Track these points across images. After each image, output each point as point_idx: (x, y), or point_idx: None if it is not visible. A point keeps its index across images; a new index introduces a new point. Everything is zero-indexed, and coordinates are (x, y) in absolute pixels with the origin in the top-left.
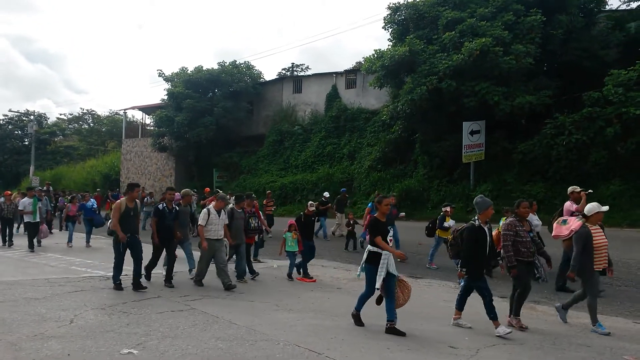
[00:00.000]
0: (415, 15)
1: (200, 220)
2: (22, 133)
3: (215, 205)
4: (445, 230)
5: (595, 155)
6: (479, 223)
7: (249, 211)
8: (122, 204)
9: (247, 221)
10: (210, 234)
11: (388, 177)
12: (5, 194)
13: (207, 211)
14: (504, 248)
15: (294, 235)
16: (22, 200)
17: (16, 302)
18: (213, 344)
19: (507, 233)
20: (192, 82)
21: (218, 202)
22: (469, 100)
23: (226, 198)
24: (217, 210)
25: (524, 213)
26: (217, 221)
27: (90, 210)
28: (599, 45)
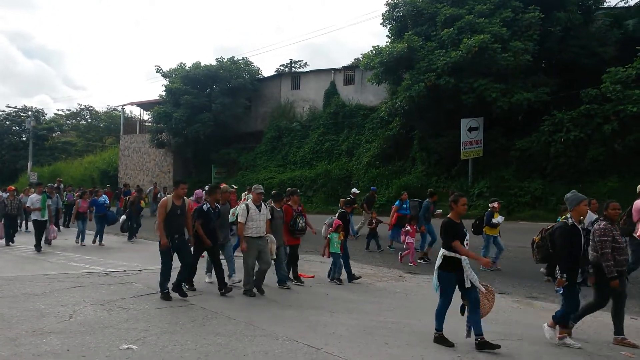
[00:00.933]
0: (414, 12)
1: (239, 217)
2: (19, 129)
3: (253, 199)
4: (494, 227)
5: (593, 152)
6: (572, 221)
7: (296, 209)
8: (169, 201)
9: (294, 220)
10: (252, 231)
11: (386, 174)
12: (9, 189)
13: (245, 207)
14: (603, 256)
15: (341, 237)
16: (30, 196)
17: (15, 298)
18: (212, 339)
19: (604, 239)
20: (190, 78)
21: (256, 194)
22: (467, 97)
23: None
24: (257, 205)
25: (614, 215)
26: (258, 217)
27: (102, 207)
28: (597, 43)
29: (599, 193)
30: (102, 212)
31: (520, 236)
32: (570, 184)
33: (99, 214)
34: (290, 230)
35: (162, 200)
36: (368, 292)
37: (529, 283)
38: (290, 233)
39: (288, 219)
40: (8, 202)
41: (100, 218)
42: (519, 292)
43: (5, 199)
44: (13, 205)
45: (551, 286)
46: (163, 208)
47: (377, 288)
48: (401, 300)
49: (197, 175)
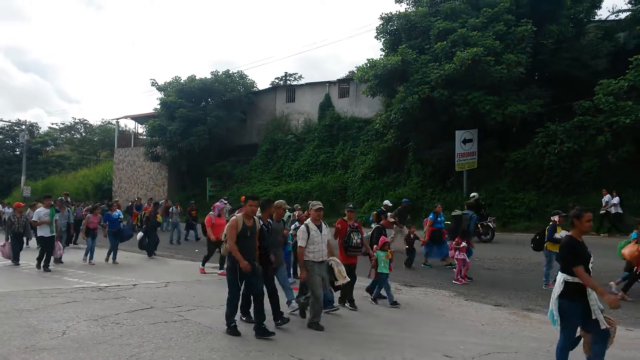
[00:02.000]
0: (407, 26)
1: (299, 241)
2: (13, 143)
3: (313, 218)
4: (557, 243)
5: (586, 164)
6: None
7: (351, 225)
8: (239, 221)
9: (348, 236)
10: (313, 255)
11: (382, 186)
12: (16, 205)
13: (305, 228)
14: None
15: (388, 255)
16: (37, 210)
17: (7, 314)
18: (207, 355)
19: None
20: (185, 92)
21: (315, 212)
22: (461, 109)
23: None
24: (317, 225)
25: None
26: (320, 238)
27: (116, 222)
28: (589, 55)
29: (594, 204)
30: (117, 227)
31: (515, 247)
32: (565, 196)
33: (113, 229)
34: (345, 247)
35: (232, 221)
36: (363, 305)
37: (525, 295)
38: (344, 250)
39: (342, 234)
40: (15, 220)
41: (114, 234)
42: (515, 304)
43: (12, 215)
44: (20, 222)
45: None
46: (234, 230)
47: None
48: (397, 313)
49: (192, 189)
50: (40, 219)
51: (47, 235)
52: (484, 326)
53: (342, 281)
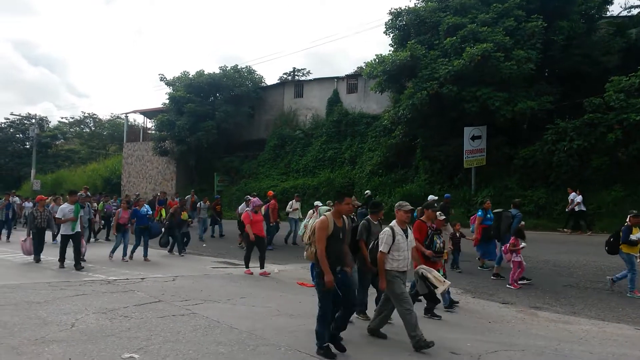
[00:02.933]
0: (417, 21)
1: (382, 245)
2: (23, 136)
3: (399, 220)
4: (633, 245)
5: (596, 161)
6: None
7: (431, 226)
8: (330, 222)
9: (430, 239)
10: (398, 264)
11: (389, 182)
12: (38, 199)
13: (390, 231)
14: None
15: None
16: (61, 206)
17: (17, 306)
18: (214, 349)
19: None
20: (194, 86)
21: (404, 213)
22: (470, 106)
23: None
24: (403, 229)
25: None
26: (405, 244)
27: (144, 218)
28: (600, 52)
29: (603, 202)
30: (145, 223)
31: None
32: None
33: (141, 225)
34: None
35: (322, 221)
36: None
37: (533, 293)
38: (426, 256)
39: (422, 237)
40: (38, 214)
41: (142, 230)
42: (522, 302)
43: (35, 210)
44: (43, 217)
45: (555, 296)
46: (324, 232)
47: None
48: None
49: (200, 184)
50: (65, 216)
51: (68, 233)
52: (491, 324)
53: (442, 286)
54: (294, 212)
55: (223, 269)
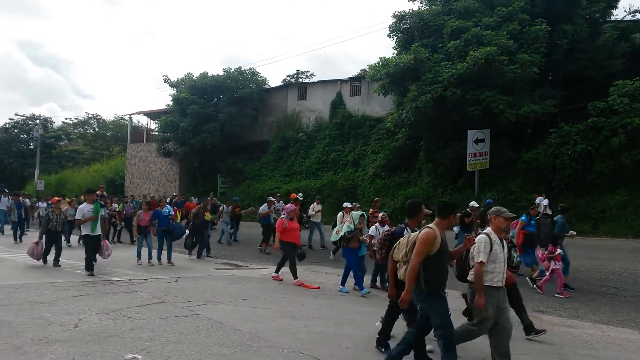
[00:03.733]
0: (420, 24)
1: (478, 254)
2: (27, 137)
3: (495, 229)
4: None
5: (600, 165)
6: None
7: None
8: (437, 235)
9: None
10: (494, 277)
11: (392, 185)
12: (53, 200)
13: (488, 239)
14: None
15: None
16: (80, 206)
17: (21, 306)
18: (217, 350)
19: None
20: (198, 88)
21: (501, 220)
22: (473, 109)
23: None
24: (500, 238)
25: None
26: (502, 256)
27: (166, 219)
28: (604, 56)
29: (607, 207)
30: (166, 225)
31: None
32: (578, 197)
33: (163, 227)
34: None
35: (428, 234)
36: (373, 303)
37: (537, 296)
38: None
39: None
40: (53, 217)
41: (164, 232)
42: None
43: (51, 212)
44: (58, 219)
45: (559, 300)
46: (428, 246)
47: (383, 299)
48: None
49: (203, 185)
50: (84, 216)
51: (91, 234)
52: None
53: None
54: (317, 214)
55: (226, 270)
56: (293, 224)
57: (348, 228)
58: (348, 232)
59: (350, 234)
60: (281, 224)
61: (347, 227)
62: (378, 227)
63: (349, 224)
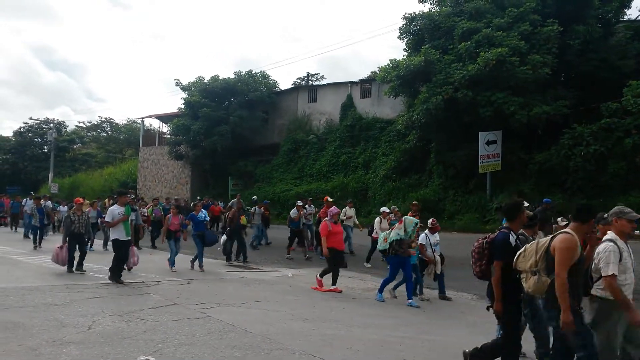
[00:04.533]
0: (431, 26)
1: (607, 266)
2: (41, 140)
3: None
4: None
5: (613, 166)
6: None
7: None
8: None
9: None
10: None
11: (403, 187)
12: (76, 201)
13: (616, 248)
14: None
15: None
16: (110, 208)
17: (36, 308)
18: (229, 352)
19: None
20: (209, 91)
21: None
22: (484, 110)
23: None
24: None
25: None
26: (630, 263)
27: (201, 224)
28: (617, 56)
29: None
30: (201, 230)
31: None
32: (591, 199)
33: (198, 232)
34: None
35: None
36: (384, 306)
37: None
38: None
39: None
40: (75, 218)
41: (199, 238)
42: None
43: (72, 214)
44: (81, 222)
45: None
46: (571, 253)
47: (393, 303)
48: (418, 316)
49: (214, 188)
50: (114, 219)
51: (122, 238)
52: None
53: None
54: (349, 219)
55: (237, 272)
56: (337, 228)
57: (397, 235)
58: (397, 240)
59: (399, 243)
60: (325, 227)
61: (397, 235)
62: (428, 234)
63: (399, 230)
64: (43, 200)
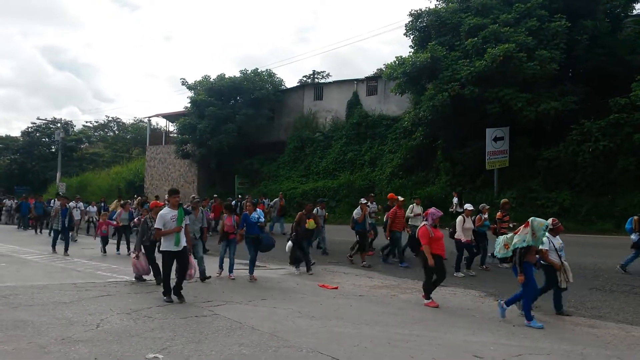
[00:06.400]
0: (437, 22)
1: None
2: (49, 140)
3: None
4: None
5: (622, 162)
6: None
7: None
8: None
9: None
10: None
11: (410, 184)
12: (153, 205)
13: None
14: None
15: None
16: (160, 212)
17: (45, 306)
18: (236, 350)
19: None
20: (215, 90)
21: None
22: (492, 107)
23: None
24: None
25: None
26: None
27: (255, 226)
28: (625, 51)
29: (630, 204)
30: (256, 233)
31: None
32: (600, 195)
33: (252, 235)
34: None
35: None
36: (392, 304)
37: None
38: None
39: None
40: (151, 224)
41: (253, 242)
42: (546, 305)
43: (149, 219)
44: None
45: (580, 300)
46: None
47: (401, 300)
48: (426, 313)
49: (221, 186)
50: (166, 225)
51: (171, 248)
52: (515, 327)
53: None
54: (416, 218)
55: (244, 270)
56: (438, 233)
57: (524, 242)
58: (522, 247)
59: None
60: (426, 233)
61: (522, 241)
62: (550, 237)
63: (524, 235)
64: (75, 202)
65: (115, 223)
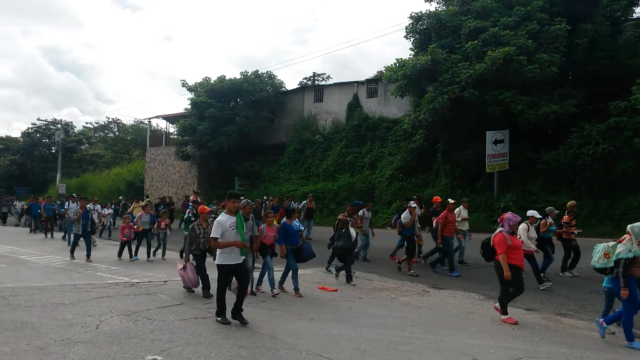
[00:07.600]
0: (437, 25)
1: None
2: (49, 141)
3: None
4: None
5: (622, 166)
6: None
7: None
8: None
9: None
10: None
11: (410, 187)
12: (201, 209)
13: None
14: None
15: None
16: (218, 218)
17: (44, 308)
18: (235, 352)
19: None
20: (215, 92)
21: None
22: (492, 110)
23: None
24: None
25: None
26: None
27: (295, 236)
28: (625, 54)
29: (629, 207)
30: (296, 243)
31: None
32: (599, 198)
33: (292, 246)
34: None
35: None
36: (392, 306)
37: (557, 299)
38: None
39: None
40: (200, 231)
41: (293, 252)
42: (546, 308)
43: (197, 225)
44: (206, 235)
45: (581, 303)
46: None
47: (401, 302)
48: (426, 316)
49: (221, 188)
50: (224, 235)
51: (230, 262)
52: (515, 330)
53: None
54: (463, 222)
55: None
56: (516, 241)
57: (629, 252)
58: (628, 258)
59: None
60: (504, 240)
61: (629, 250)
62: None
63: (629, 245)
64: (92, 204)
65: (136, 227)
